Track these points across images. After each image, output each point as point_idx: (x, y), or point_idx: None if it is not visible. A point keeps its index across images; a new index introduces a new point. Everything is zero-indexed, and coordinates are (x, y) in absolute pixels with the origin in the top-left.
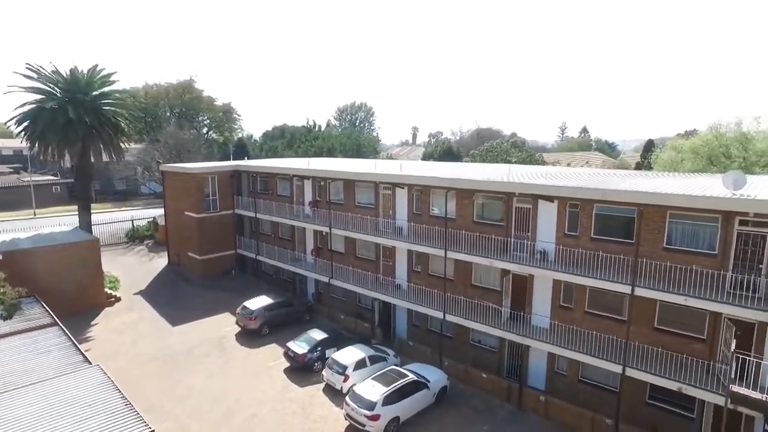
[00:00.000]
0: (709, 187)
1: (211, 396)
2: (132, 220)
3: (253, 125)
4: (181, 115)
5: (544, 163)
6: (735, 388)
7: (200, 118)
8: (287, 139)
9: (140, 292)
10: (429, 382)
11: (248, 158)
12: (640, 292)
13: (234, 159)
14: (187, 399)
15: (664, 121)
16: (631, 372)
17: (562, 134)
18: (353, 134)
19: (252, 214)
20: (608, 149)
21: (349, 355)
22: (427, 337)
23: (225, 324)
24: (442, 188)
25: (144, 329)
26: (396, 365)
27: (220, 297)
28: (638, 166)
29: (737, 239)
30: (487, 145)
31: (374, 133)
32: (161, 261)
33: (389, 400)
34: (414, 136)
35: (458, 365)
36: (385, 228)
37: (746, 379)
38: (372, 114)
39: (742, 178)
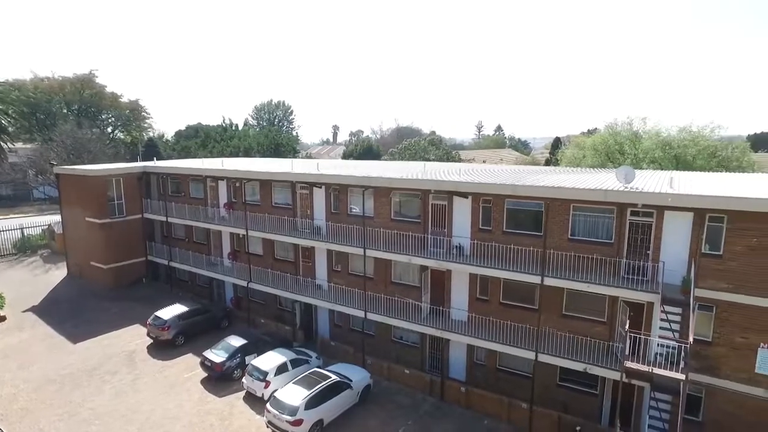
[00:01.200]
0: (606, 182)
1: (120, 417)
2: (22, 229)
3: (165, 124)
4: (81, 113)
5: (460, 160)
6: (629, 363)
7: (104, 116)
8: (201, 139)
9: (32, 309)
10: (352, 381)
11: (159, 159)
12: (549, 281)
13: (144, 160)
14: (90, 424)
15: (570, 120)
16: (543, 357)
17: (479, 132)
18: (271, 133)
19: (163, 218)
20: (521, 146)
21: (270, 360)
22: (349, 337)
23: (135, 337)
24: (359, 187)
25: (36, 350)
26: (319, 367)
27: (129, 308)
28: (547, 162)
29: (629, 228)
30: (406, 143)
31: (294, 132)
32: (59, 273)
33: (312, 403)
34: (335, 135)
35: (381, 363)
36: (304, 228)
37: (637, 354)
38: (291, 113)
39: (632, 172)
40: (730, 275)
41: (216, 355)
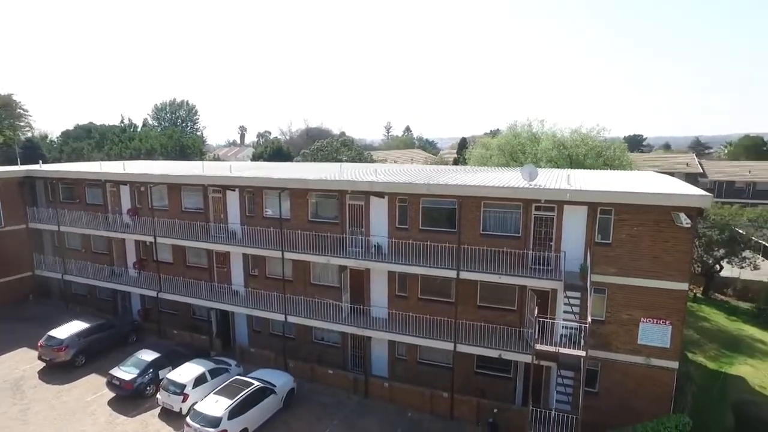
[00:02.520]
0: (512, 180)
1: None
2: None
3: (48, 123)
4: None
5: (373, 160)
6: (538, 346)
7: None
8: (96, 140)
9: None
10: (275, 387)
11: (44, 162)
12: (464, 275)
13: (24, 163)
14: None
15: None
16: (461, 348)
17: (388, 133)
18: (176, 134)
19: (54, 228)
20: (429, 147)
21: (187, 371)
22: (269, 342)
23: (22, 362)
24: (275, 189)
25: None
26: (239, 375)
27: (12, 330)
28: (455, 162)
29: (534, 222)
30: (318, 144)
31: (199, 133)
32: None
33: (235, 412)
34: (242, 136)
35: (304, 365)
36: (217, 233)
37: (545, 337)
38: (195, 113)
39: (535, 171)
40: (618, 261)
41: (125, 372)
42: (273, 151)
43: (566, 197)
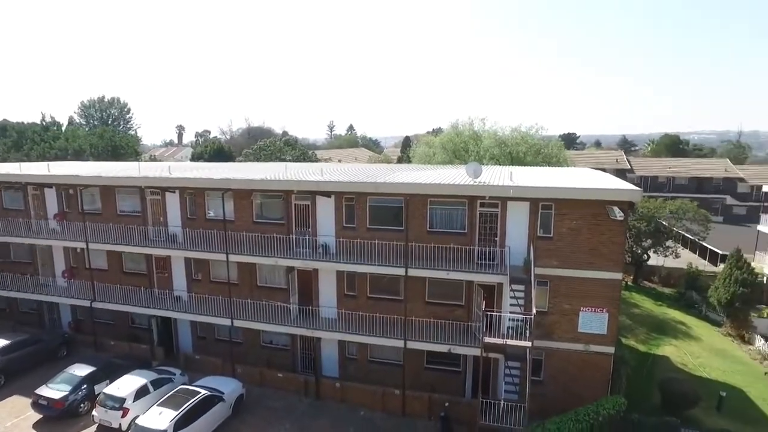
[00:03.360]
0: (457, 177)
1: None
2: None
3: None
4: None
5: (317, 160)
6: (486, 339)
7: None
8: (13, 139)
9: None
10: (224, 394)
11: None
12: (412, 272)
13: None
14: None
15: (416, 120)
16: (411, 344)
17: (331, 132)
18: (107, 134)
19: None
20: (373, 145)
21: (126, 384)
22: (216, 347)
23: None
24: (217, 189)
25: None
26: (185, 384)
27: None
28: (400, 160)
29: (479, 218)
30: (261, 144)
31: (133, 133)
32: None
33: (181, 423)
34: (180, 136)
35: (253, 370)
36: (157, 237)
37: (492, 330)
38: (128, 111)
39: (480, 168)
40: (559, 253)
41: (54, 390)
42: (214, 151)
43: (510, 193)
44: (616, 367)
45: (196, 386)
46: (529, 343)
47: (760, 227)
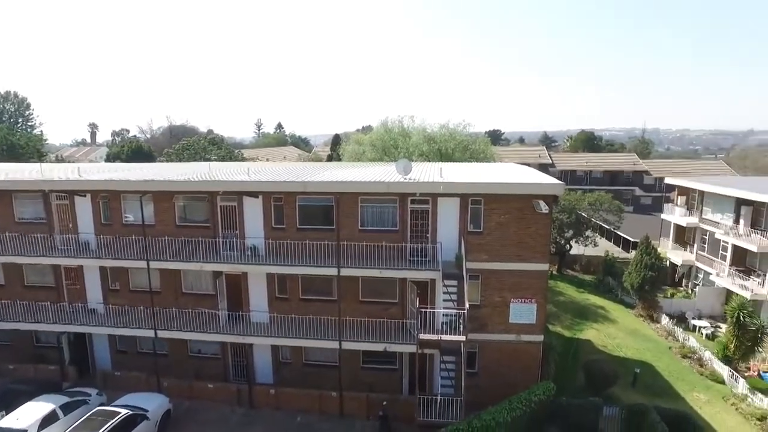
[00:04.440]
0: (387, 174)
1: None
2: None
3: None
4: None
5: (244, 159)
6: (421, 336)
7: None
8: None
9: None
10: (148, 411)
11: None
12: (345, 272)
13: None
14: None
15: (346, 118)
16: (347, 345)
17: (259, 130)
18: (1, 132)
19: None
20: (302, 144)
21: (29, 412)
22: (138, 362)
23: None
24: (135, 192)
25: None
26: (102, 404)
27: None
28: (329, 158)
29: (411, 215)
30: (183, 143)
31: (35, 131)
32: None
33: None
34: (93, 135)
35: (180, 383)
36: (66, 245)
37: (427, 326)
38: (27, 107)
39: (410, 165)
40: (488, 247)
41: None
42: (132, 150)
43: (440, 189)
44: (545, 353)
45: (115, 406)
46: (463, 337)
47: (663, 216)
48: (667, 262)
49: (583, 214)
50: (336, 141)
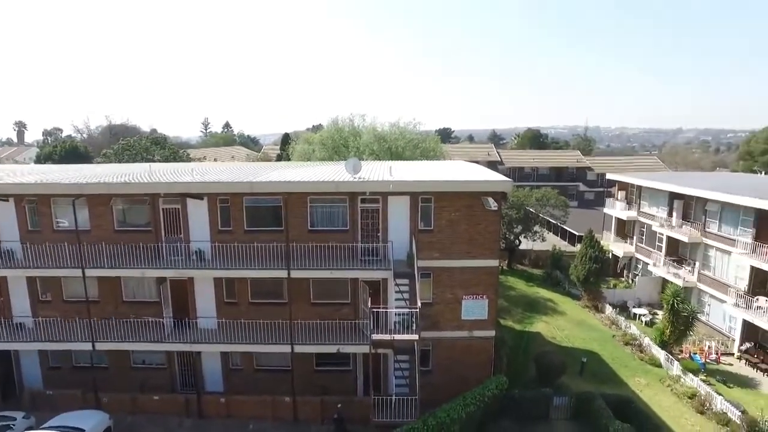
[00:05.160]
0: (336, 174)
1: None
2: None
3: None
4: None
5: (190, 159)
6: (374, 336)
7: None
8: None
9: None
10: (84, 430)
11: None
12: (295, 274)
13: None
14: None
15: (296, 117)
16: (299, 348)
17: (206, 130)
18: None
19: None
20: (251, 143)
21: None
22: (74, 377)
23: None
24: (68, 196)
25: None
26: (30, 428)
27: None
28: (279, 158)
29: (361, 215)
30: (123, 143)
31: None
32: None
33: None
34: (20, 134)
35: (123, 397)
36: None
37: (380, 326)
38: None
39: (359, 164)
40: (439, 245)
41: None
42: (66, 151)
43: (390, 188)
44: (497, 348)
45: (46, 428)
46: (416, 336)
47: (605, 210)
48: (610, 255)
49: (531, 209)
50: (285, 140)
